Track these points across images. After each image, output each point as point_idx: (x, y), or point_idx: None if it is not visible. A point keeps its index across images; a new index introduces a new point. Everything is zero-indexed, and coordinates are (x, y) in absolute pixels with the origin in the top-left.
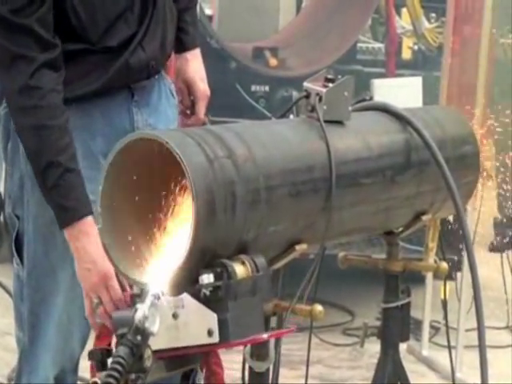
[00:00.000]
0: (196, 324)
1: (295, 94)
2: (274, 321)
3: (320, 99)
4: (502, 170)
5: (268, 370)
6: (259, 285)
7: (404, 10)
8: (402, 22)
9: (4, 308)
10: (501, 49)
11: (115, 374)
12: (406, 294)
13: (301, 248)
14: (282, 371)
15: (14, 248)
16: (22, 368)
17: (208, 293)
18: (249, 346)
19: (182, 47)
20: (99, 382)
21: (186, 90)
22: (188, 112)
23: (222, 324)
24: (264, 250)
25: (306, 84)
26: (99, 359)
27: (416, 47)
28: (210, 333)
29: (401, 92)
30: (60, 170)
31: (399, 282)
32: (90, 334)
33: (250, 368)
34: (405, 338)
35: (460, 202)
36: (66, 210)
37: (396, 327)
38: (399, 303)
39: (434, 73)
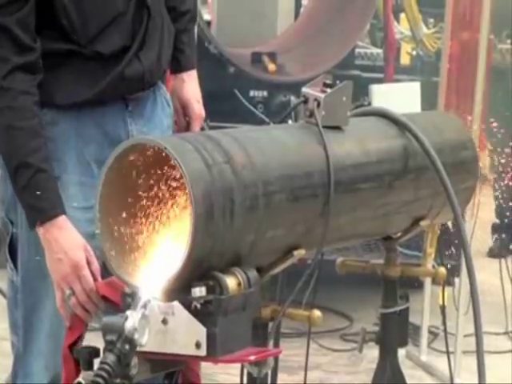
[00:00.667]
0: (184, 334)
1: (293, 100)
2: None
3: (318, 104)
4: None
5: (266, 375)
6: (249, 300)
7: (402, 16)
8: (401, 27)
9: (1, 313)
10: (499, 54)
11: (100, 380)
12: (405, 300)
13: (299, 253)
14: (281, 376)
15: (7, 253)
16: (16, 373)
17: (199, 306)
18: None
19: (178, 67)
20: (83, 382)
21: (182, 110)
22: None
23: (210, 338)
24: (262, 256)
25: (304, 89)
26: (86, 359)
27: (414, 52)
28: (197, 345)
29: (399, 97)
30: (31, 171)
31: (397, 287)
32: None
33: (249, 373)
34: (403, 344)
35: (458, 208)
36: (37, 210)
37: (394, 333)
38: (397, 309)
39: (433, 78)
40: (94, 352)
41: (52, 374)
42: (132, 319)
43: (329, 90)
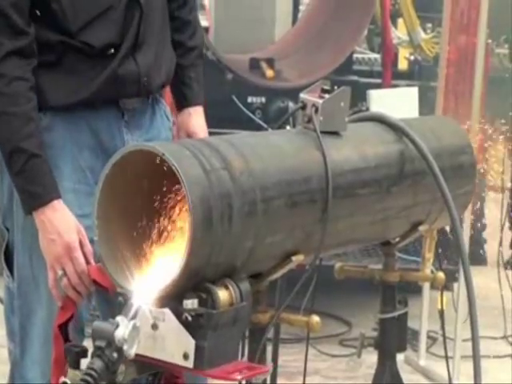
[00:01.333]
0: (173, 343)
1: (291, 105)
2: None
3: (316, 110)
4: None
5: (265, 380)
6: (240, 315)
7: (400, 21)
8: (398, 32)
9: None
10: (497, 59)
11: None
12: (403, 305)
13: (297, 259)
14: (280, 382)
15: (3, 260)
16: (14, 380)
17: (190, 318)
18: (246, 356)
19: (185, 102)
20: (68, 382)
21: None
22: None
23: (198, 351)
24: (260, 262)
25: (302, 95)
26: (73, 358)
27: (412, 57)
28: (185, 356)
29: (397, 102)
30: (25, 156)
31: (396, 292)
32: None
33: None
34: (402, 349)
35: (455, 213)
36: (32, 195)
37: (393, 338)
38: (396, 314)
39: (431, 83)
40: (82, 352)
41: (49, 381)
42: (122, 330)
43: (327, 96)
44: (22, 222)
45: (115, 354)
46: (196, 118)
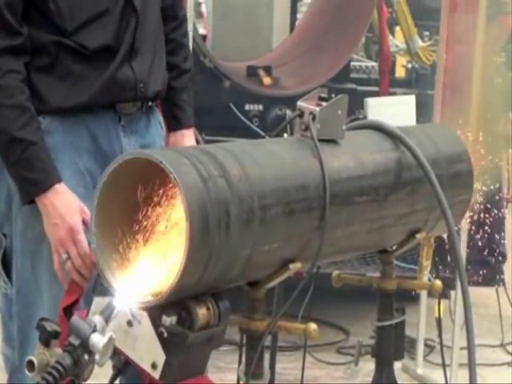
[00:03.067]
0: (144, 348)
1: (289, 113)
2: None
3: (314, 118)
4: None
5: None
6: (215, 336)
7: (397, 29)
8: (396, 40)
9: None
10: (494, 67)
11: (50, 379)
12: (401, 313)
13: (295, 267)
14: None
15: (1, 266)
16: None
17: (166, 333)
18: (243, 363)
19: (179, 125)
20: (34, 361)
21: None
22: None
23: (167, 365)
24: (258, 269)
25: (299, 103)
26: (45, 336)
27: (409, 65)
28: (153, 366)
29: (394, 110)
30: (22, 146)
31: (393, 300)
32: None
33: None
34: (399, 357)
35: (452, 221)
36: (33, 182)
37: (390, 346)
38: (393, 322)
39: (428, 91)
40: (54, 333)
41: None
42: (98, 338)
43: (324, 104)
44: (23, 228)
45: (86, 356)
46: (189, 138)
